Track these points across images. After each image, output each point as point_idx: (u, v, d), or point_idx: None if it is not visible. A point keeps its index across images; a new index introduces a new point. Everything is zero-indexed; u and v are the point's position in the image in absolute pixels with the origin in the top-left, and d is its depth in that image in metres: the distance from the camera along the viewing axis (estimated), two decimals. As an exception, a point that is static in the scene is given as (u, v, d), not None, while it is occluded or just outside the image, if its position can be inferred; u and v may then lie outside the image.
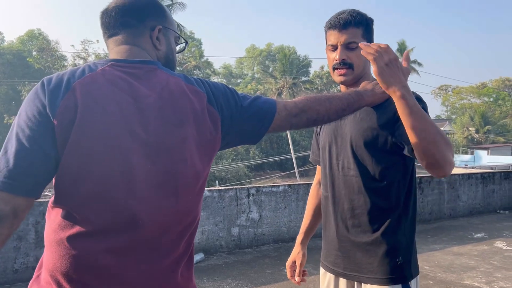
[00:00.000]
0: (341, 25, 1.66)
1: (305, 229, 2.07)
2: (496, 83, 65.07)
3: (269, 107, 1.35)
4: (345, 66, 1.68)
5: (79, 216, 1.07)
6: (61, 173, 1.08)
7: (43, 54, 32.60)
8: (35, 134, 1.05)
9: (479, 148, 39.95)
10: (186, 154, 1.16)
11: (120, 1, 1.28)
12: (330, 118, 1.48)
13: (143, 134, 1.12)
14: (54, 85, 1.10)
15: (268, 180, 31.18)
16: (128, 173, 1.09)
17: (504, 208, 9.77)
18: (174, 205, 1.15)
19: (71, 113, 1.06)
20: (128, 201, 1.09)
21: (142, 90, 1.15)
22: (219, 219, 6.31)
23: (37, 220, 5.06)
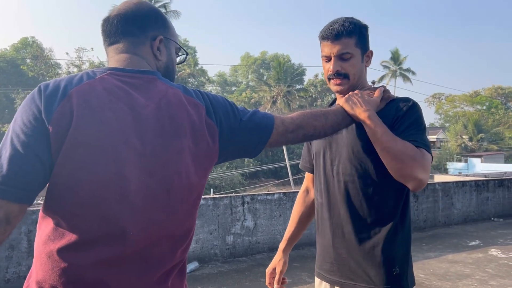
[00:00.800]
0: (334, 36, 1.66)
1: (289, 236, 2.05)
2: (489, 92, 65.61)
3: (267, 122, 1.35)
4: (340, 77, 1.69)
5: (69, 226, 1.05)
6: (54, 180, 1.06)
7: (37, 62, 32.47)
8: (30, 139, 1.03)
9: (473, 156, 40.16)
10: (181, 166, 1.15)
11: (122, 9, 1.27)
12: (326, 133, 1.52)
13: (139, 144, 1.10)
14: (51, 91, 1.08)
15: (262, 188, 31.13)
16: (121, 184, 1.07)
17: (498, 216, 9.80)
18: (167, 218, 1.13)
19: (67, 120, 1.05)
20: (120, 212, 1.07)
21: (139, 100, 1.14)
22: (213, 228, 6.27)
23: (29, 229, 5.01)
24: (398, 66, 52.40)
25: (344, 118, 1.56)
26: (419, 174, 1.47)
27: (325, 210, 1.75)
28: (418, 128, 1.59)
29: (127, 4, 1.29)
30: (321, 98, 46.48)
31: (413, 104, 1.63)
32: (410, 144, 1.50)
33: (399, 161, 1.48)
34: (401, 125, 1.59)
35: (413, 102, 1.64)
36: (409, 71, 52.79)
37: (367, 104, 1.57)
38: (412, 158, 1.47)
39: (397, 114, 1.62)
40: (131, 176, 1.08)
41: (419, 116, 1.62)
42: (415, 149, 1.49)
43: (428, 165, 1.51)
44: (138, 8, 1.27)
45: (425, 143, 1.54)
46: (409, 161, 1.47)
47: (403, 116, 1.61)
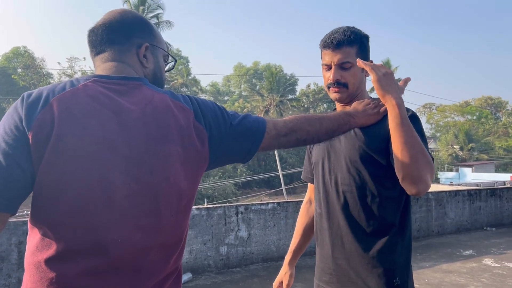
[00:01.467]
0: (334, 45, 1.65)
1: (294, 248, 2.03)
2: (479, 102, 66.37)
3: (259, 126, 1.33)
4: (340, 86, 1.68)
5: (56, 236, 1.03)
6: (37, 189, 1.04)
7: (29, 71, 32.34)
8: (10, 148, 1.02)
9: (464, 166, 40.46)
10: (170, 171, 1.12)
11: (107, 19, 1.27)
12: (320, 138, 1.49)
13: (125, 150, 1.08)
14: (32, 99, 1.07)
15: (255, 198, 31.05)
16: (107, 191, 1.05)
17: (491, 225, 9.83)
18: (156, 225, 1.10)
19: (47, 128, 1.03)
20: (106, 220, 1.05)
21: (124, 105, 1.12)
22: (207, 238, 6.22)
23: (20, 240, 4.93)
24: (390, 76, 52.78)
25: (340, 126, 1.53)
26: (429, 179, 1.45)
27: (324, 220, 1.73)
28: (423, 139, 1.55)
29: (112, 13, 1.29)
30: (313, 108, 46.67)
31: (413, 115, 1.61)
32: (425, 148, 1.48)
33: (415, 160, 1.43)
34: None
35: (412, 112, 1.62)
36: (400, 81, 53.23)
37: (400, 91, 1.55)
38: (427, 161, 1.45)
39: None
40: (117, 183, 1.06)
41: (421, 127, 1.60)
42: (428, 154, 1.47)
43: (434, 173, 1.50)
44: (123, 17, 1.27)
45: (430, 153, 1.53)
46: (424, 162, 1.44)
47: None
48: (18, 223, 4.96)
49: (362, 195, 1.62)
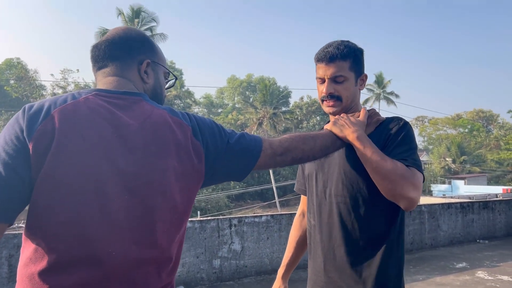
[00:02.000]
0: (328, 59, 1.67)
1: (287, 261, 2.02)
2: (471, 115, 66.97)
3: (255, 144, 1.35)
4: (333, 99, 1.70)
5: (50, 247, 1.03)
6: (34, 199, 1.04)
7: (21, 83, 32.24)
8: (10, 158, 1.03)
9: (456, 178, 40.65)
10: (165, 186, 1.13)
11: (110, 36, 1.30)
12: (315, 156, 1.52)
13: (122, 163, 1.09)
14: (34, 111, 1.09)
15: (249, 210, 30.93)
16: (103, 203, 1.06)
17: (484, 238, 9.85)
18: (150, 239, 1.11)
19: (48, 139, 1.04)
20: (101, 232, 1.05)
21: (124, 119, 1.14)
22: (200, 251, 6.17)
23: (10, 253, 4.86)
24: (382, 89, 53.24)
25: (333, 142, 1.57)
26: (410, 193, 1.46)
27: (317, 232, 1.73)
28: (409, 147, 1.58)
29: (115, 30, 1.32)
30: (306, 120, 46.83)
31: (404, 124, 1.64)
32: (401, 164, 1.50)
33: (390, 180, 1.47)
34: (391, 144, 1.59)
35: (404, 122, 1.65)
36: (392, 94, 53.67)
37: (355, 125, 1.58)
38: (402, 177, 1.46)
39: (388, 133, 1.63)
40: (113, 195, 1.07)
41: (410, 135, 1.62)
42: (405, 168, 1.49)
43: (420, 184, 1.50)
44: (126, 34, 1.30)
45: (416, 162, 1.54)
46: (399, 180, 1.46)
47: (394, 135, 1.61)
48: (9, 236, 4.91)
49: (356, 206, 1.63)
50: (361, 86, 1.76)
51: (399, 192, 1.46)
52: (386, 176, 1.48)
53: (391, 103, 53.44)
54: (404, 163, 1.51)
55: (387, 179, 1.48)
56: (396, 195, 1.48)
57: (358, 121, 1.62)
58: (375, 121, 1.69)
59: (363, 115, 1.66)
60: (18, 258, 5.14)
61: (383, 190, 1.51)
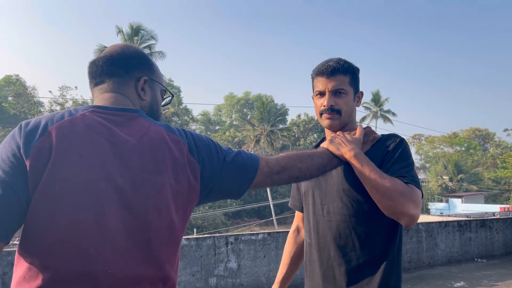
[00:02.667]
0: (329, 72, 1.68)
1: (281, 278, 2.01)
2: (467, 133, 67.27)
3: (252, 163, 1.35)
4: (333, 112, 1.70)
5: (44, 265, 1.02)
6: (30, 217, 1.03)
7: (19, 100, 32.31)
8: (7, 175, 1.02)
9: (454, 196, 40.60)
10: (162, 203, 1.13)
11: (108, 52, 1.31)
12: (312, 174, 1.52)
13: (119, 179, 1.09)
14: (31, 128, 1.09)
15: (245, 228, 30.72)
16: (100, 220, 1.05)
17: (482, 257, 9.80)
18: (146, 257, 1.10)
19: (45, 155, 1.04)
20: (98, 250, 1.04)
21: (121, 136, 1.13)
22: (196, 269, 6.12)
23: (4, 271, 4.81)
24: (379, 107, 53.52)
25: (330, 160, 1.57)
26: (410, 210, 1.47)
27: (315, 251, 1.71)
28: (406, 164, 1.59)
29: (113, 47, 1.33)
30: (303, 138, 46.90)
31: (400, 140, 1.65)
32: (399, 181, 1.50)
33: (389, 198, 1.47)
34: (389, 161, 1.60)
35: (400, 139, 1.66)
36: (389, 112, 53.94)
37: (351, 143, 1.58)
38: (401, 194, 1.47)
39: (385, 151, 1.63)
40: (110, 212, 1.06)
41: (407, 151, 1.63)
42: (404, 185, 1.49)
43: (419, 201, 1.51)
44: (124, 51, 1.31)
45: (414, 178, 1.55)
46: (399, 197, 1.46)
47: (391, 152, 1.62)
48: (3, 253, 4.86)
49: (357, 224, 1.62)
50: (357, 103, 1.78)
51: (400, 209, 1.46)
52: (386, 194, 1.48)
53: (388, 121, 53.68)
54: (403, 180, 1.51)
55: (387, 196, 1.47)
56: (397, 212, 1.48)
57: (354, 139, 1.62)
58: (371, 139, 1.69)
59: (359, 133, 1.67)
60: (12, 275, 5.06)
61: (383, 208, 1.51)
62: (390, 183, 1.48)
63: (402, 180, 1.51)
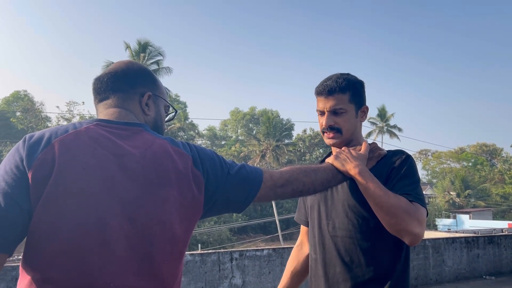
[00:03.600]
0: (327, 92, 1.70)
1: None
2: (474, 148, 66.85)
3: (256, 176, 1.35)
4: (333, 131, 1.71)
5: (46, 278, 1.02)
6: (32, 229, 1.04)
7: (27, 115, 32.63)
8: (10, 187, 1.03)
9: (461, 212, 40.16)
10: (165, 216, 1.13)
11: (112, 69, 1.33)
12: (316, 189, 1.52)
13: (123, 192, 1.09)
14: (34, 140, 1.10)
15: (251, 244, 30.51)
16: (103, 232, 1.05)
17: (490, 274, 9.65)
18: (148, 270, 1.10)
19: (47, 168, 1.05)
20: (100, 262, 1.04)
21: (125, 149, 1.14)
22: (200, 285, 6.08)
23: (8, 286, 4.81)
24: (385, 122, 53.48)
25: (334, 176, 1.57)
26: (415, 228, 1.46)
27: (320, 266, 1.70)
28: (412, 181, 1.58)
29: (118, 64, 1.35)
30: (309, 153, 46.85)
31: (407, 157, 1.65)
32: (404, 198, 1.49)
33: (393, 216, 1.47)
34: (394, 178, 1.59)
35: (406, 155, 1.66)
36: (395, 127, 53.85)
37: (356, 159, 1.58)
38: (406, 212, 1.46)
39: (390, 167, 1.63)
40: (113, 224, 1.06)
41: (413, 169, 1.62)
42: (408, 204, 1.48)
43: (423, 219, 1.50)
44: (128, 67, 1.33)
45: (419, 196, 1.54)
46: (403, 215, 1.46)
47: (398, 169, 1.61)
48: (7, 268, 4.86)
49: (362, 240, 1.61)
50: (362, 118, 1.77)
51: (403, 227, 1.46)
52: (389, 211, 1.47)
53: (394, 136, 53.56)
54: (408, 198, 1.50)
55: (390, 214, 1.47)
56: (400, 230, 1.47)
57: (359, 155, 1.62)
58: (376, 155, 1.68)
59: (364, 148, 1.67)
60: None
61: (386, 225, 1.50)
62: (394, 200, 1.48)
63: (407, 198, 1.50)
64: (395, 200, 1.48)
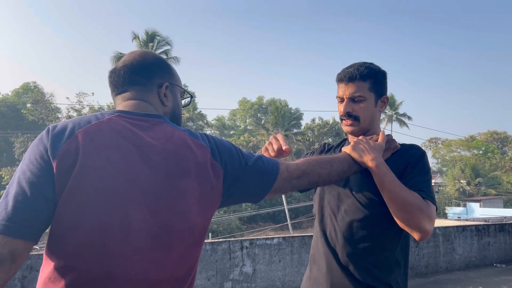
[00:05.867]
0: (347, 79, 1.71)
1: None
2: (485, 136, 66.26)
3: (273, 167, 1.36)
4: (351, 118, 1.72)
5: (70, 267, 1.04)
6: (57, 219, 1.06)
7: (38, 106, 32.85)
8: (35, 177, 1.05)
9: (471, 201, 39.95)
10: (185, 207, 1.15)
11: (128, 61, 1.33)
12: (331, 180, 1.53)
13: (144, 183, 1.11)
14: (58, 130, 1.12)
15: (260, 233, 30.67)
16: (125, 222, 1.07)
17: (501, 262, 9.63)
18: (167, 259, 1.12)
19: (72, 158, 1.07)
20: (122, 252, 1.06)
21: (146, 140, 1.16)
22: (211, 273, 6.14)
23: (23, 275, 4.90)
24: (394, 111, 53.09)
25: (350, 166, 1.57)
26: (426, 225, 1.49)
27: (324, 246, 1.71)
28: (427, 178, 1.61)
29: (133, 55, 1.35)
30: (318, 142, 46.73)
31: (423, 153, 1.67)
32: (418, 195, 1.52)
33: (407, 212, 1.50)
34: (410, 173, 1.61)
35: (422, 151, 1.68)
36: (405, 116, 53.46)
37: (374, 151, 1.58)
38: (419, 209, 1.49)
39: (408, 160, 1.64)
40: (135, 215, 1.09)
41: (428, 166, 1.65)
42: (422, 201, 1.51)
43: (434, 217, 1.53)
44: (143, 58, 1.33)
45: (432, 194, 1.57)
46: (416, 212, 1.48)
47: (413, 164, 1.63)
48: (22, 257, 4.94)
49: (368, 225, 1.63)
50: (381, 108, 1.77)
51: (416, 223, 1.49)
52: (404, 207, 1.50)
53: (403, 124, 53.21)
54: (421, 195, 1.53)
55: (404, 210, 1.50)
56: (412, 226, 1.50)
57: (377, 145, 1.62)
58: (393, 147, 1.69)
59: (382, 139, 1.67)
60: (31, 279, 5.15)
61: (399, 219, 1.53)
62: (409, 196, 1.50)
63: (421, 195, 1.53)
64: (410, 197, 1.50)
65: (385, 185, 1.53)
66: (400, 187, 1.52)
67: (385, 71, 1.77)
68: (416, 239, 1.54)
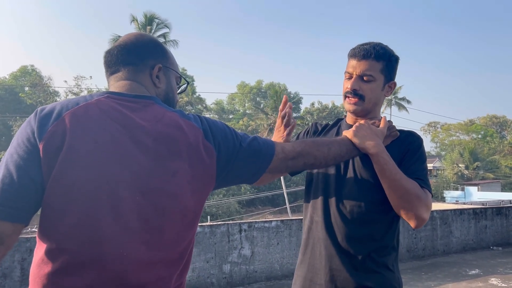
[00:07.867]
0: (361, 55, 1.65)
1: None
2: (484, 120, 66.28)
3: (268, 148, 1.35)
4: (356, 96, 1.67)
5: (61, 249, 1.05)
6: (46, 201, 1.06)
7: (36, 90, 32.72)
8: (22, 159, 1.05)
9: (469, 184, 40.13)
10: (176, 188, 1.14)
11: (122, 41, 1.32)
12: (328, 163, 1.52)
13: (134, 164, 1.10)
14: (45, 113, 1.11)
15: (259, 216, 30.86)
16: (115, 204, 1.07)
17: (497, 244, 9.70)
18: (158, 241, 1.12)
19: (58, 140, 1.06)
20: (113, 234, 1.06)
21: (135, 121, 1.15)
22: (210, 256, 6.19)
23: (23, 257, 4.93)
24: (394, 95, 52.95)
25: (349, 151, 1.55)
26: (423, 214, 1.51)
27: (322, 229, 1.68)
28: (424, 167, 1.62)
29: (128, 36, 1.34)
30: (317, 126, 46.68)
31: (421, 141, 1.67)
32: (416, 184, 1.52)
33: (406, 201, 1.50)
34: (409, 161, 1.60)
35: (421, 139, 1.68)
36: (404, 100, 53.34)
37: (376, 138, 1.56)
38: (418, 198, 1.50)
39: (407, 148, 1.63)
40: (125, 196, 1.08)
41: (425, 153, 1.66)
42: (420, 189, 1.52)
43: (430, 205, 1.55)
44: (138, 39, 1.32)
45: (428, 183, 1.58)
46: (415, 201, 1.49)
47: (413, 152, 1.62)
48: (21, 239, 4.97)
49: (367, 209, 1.62)
50: (387, 92, 1.73)
51: (414, 212, 1.50)
52: (403, 196, 1.50)
53: (402, 108, 53.15)
54: (419, 183, 1.53)
55: (403, 198, 1.50)
56: (410, 214, 1.51)
57: (378, 132, 1.60)
58: (393, 135, 1.67)
59: (383, 124, 1.64)
60: (31, 261, 5.18)
61: (397, 207, 1.54)
62: (409, 185, 1.50)
63: (419, 183, 1.53)
64: (410, 186, 1.50)
65: (386, 173, 1.52)
66: (400, 175, 1.51)
67: (398, 56, 1.73)
68: (412, 226, 1.55)
